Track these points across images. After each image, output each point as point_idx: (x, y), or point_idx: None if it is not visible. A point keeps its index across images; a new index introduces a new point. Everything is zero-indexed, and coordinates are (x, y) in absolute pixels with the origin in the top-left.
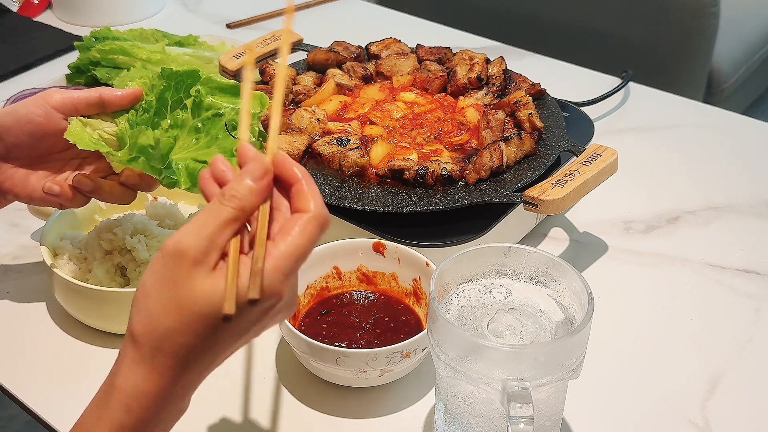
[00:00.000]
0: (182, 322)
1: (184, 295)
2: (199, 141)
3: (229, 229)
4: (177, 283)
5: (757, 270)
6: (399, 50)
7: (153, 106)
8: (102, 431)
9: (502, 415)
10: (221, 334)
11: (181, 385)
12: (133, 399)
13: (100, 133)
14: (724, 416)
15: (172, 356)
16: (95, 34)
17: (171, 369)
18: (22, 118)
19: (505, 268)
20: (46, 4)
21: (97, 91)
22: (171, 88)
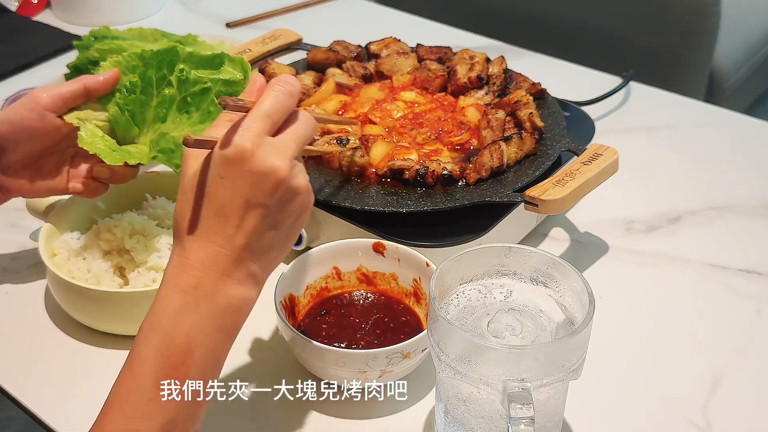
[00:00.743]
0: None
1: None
2: (192, 116)
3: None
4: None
5: (759, 270)
6: (399, 50)
7: (138, 86)
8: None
9: (502, 416)
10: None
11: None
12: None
13: (95, 122)
14: (725, 417)
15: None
16: (94, 34)
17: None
18: (17, 125)
19: (506, 268)
20: (45, 4)
21: (80, 81)
22: (153, 66)
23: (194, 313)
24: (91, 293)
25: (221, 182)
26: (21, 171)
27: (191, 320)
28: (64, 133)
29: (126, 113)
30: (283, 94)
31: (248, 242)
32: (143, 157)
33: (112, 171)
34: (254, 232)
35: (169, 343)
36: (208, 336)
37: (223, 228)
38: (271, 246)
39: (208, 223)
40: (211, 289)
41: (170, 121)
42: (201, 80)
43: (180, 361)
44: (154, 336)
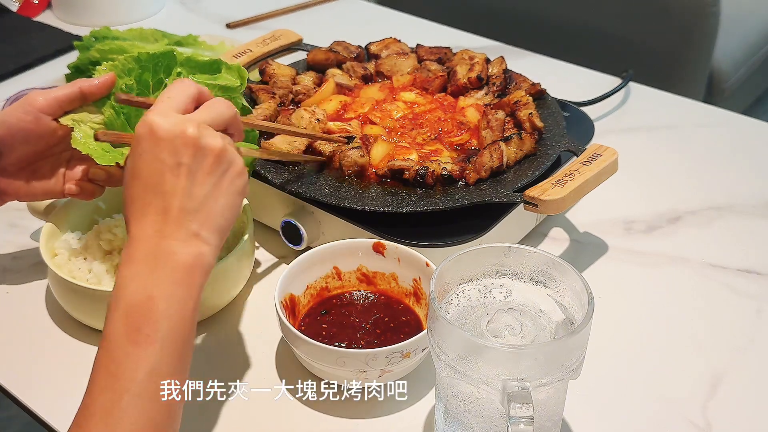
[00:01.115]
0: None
1: None
2: None
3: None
4: None
5: (759, 270)
6: (399, 50)
7: (134, 89)
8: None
9: (502, 416)
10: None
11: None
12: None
13: (90, 125)
14: (725, 417)
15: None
16: (95, 34)
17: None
18: (13, 127)
19: (505, 268)
20: (46, 4)
21: (76, 84)
22: (149, 70)
23: (150, 275)
24: (92, 293)
25: (141, 159)
26: (17, 174)
27: (148, 281)
28: (60, 135)
29: (121, 116)
30: (182, 85)
31: (180, 203)
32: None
33: (108, 173)
34: (182, 192)
35: (132, 304)
36: (167, 290)
37: (154, 197)
38: (204, 203)
39: (141, 198)
40: (159, 252)
41: None
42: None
43: (146, 315)
44: (118, 305)
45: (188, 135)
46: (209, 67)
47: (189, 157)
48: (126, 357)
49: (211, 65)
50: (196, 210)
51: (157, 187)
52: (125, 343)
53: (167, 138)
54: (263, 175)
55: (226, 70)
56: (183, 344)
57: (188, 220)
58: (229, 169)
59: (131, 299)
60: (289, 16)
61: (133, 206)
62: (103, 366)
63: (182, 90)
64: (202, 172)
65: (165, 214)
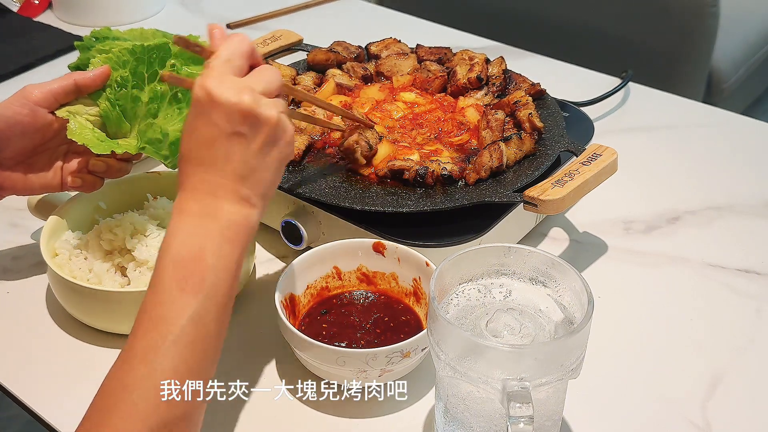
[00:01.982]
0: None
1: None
2: (183, 111)
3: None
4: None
5: (758, 270)
6: (399, 50)
7: (129, 81)
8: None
9: (501, 415)
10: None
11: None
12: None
13: (86, 117)
14: (725, 417)
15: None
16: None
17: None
18: (10, 121)
19: (505, 268)
20: (47, 4)
21: (71, 77)
22: (144, 62)
23: (200, 228)
24: (93, 293)
25: (200, 119)
26: (14, 168)
27: (199, 234)
28: (56, 128)
29: (117, 108)
30: (239, 42)
31: (233, 168)
32: (131, 148)
33: (107, 164)
34: (237, 159)
35: (182, 254)
36: (217, 245)
37: (209, 159)
38: (255, 171)
39: (197, 157)
40: (211, 209)
41: (161, 117)
42: (192, 75)
43: (195, 265)
44: (167, 253)
45: (245, 105)
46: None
47: (246, 126)
48: (172, 303)
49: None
50: (248, 176)
51: (213, 150)
52: (173, 290)
53: (225, 105)
54: None
55: None
56: (225, 298)
57: (240, 184)
58: (281, 139)
59: (182, 249)
60: (289, 16)
61: (189, 162)
62: (148, 310)
63: (237, 49)
64: (256, 142)
65: (219, 176)
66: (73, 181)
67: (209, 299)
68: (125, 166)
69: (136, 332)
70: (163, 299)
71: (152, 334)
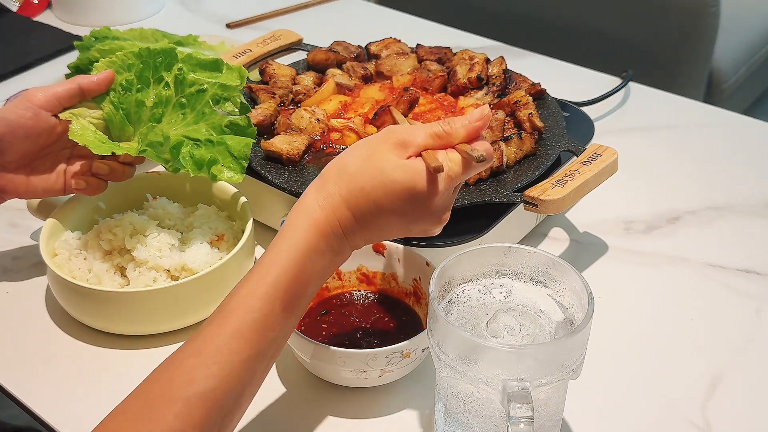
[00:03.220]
0: (373, 181)
1: (383, 162)
2: (186, 117)
3: (432, 140)
4: (376, 152)
5: (758, 270)
6: (399, 50)
7: (134, 84)
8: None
9: (502, 416)
10: (402, 205)
11: (349, 237)
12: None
13: (89, 120)
14: (725, 417)
15: (356, 211)
16: (95, 34)
17: (352, 220)
18: (13, 124)
19: (505, 268)
20: (46, 4)
21: (75, 81)
22: (150, 66)
23: (321, 258)
24: (92, 293)
25: (412, 205)
26: (17, 171)
27: (320, 262)
28: (59, 132)
29: (121, 111)
30: (480, 168)
31: (377, 238)
32: (131, 150)
33: (111, 167)
34: (385, 235)
35: (299, 271)
36: (322, 278)
37: (373, 220)
38: (387, 237)
39: (365, 208)
40: (337, 247)
41: (165, 122)
42: (198, 81)
43: (302, 287)
44: (284, 256)
45: (442, 223)
46: (210, 65)
47: (419, 230)
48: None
49: (212, 64)
50: (378, 239)
51: (382, 220)
52: (279, 309)
53: (430, 213)
54: (263, 175)
55: (228, 70)
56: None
57: (368, 242)
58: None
59: (297, 269)
60: (289, 16)
61: (356, 202)
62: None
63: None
64: (415, 230)
65: (361, 231)
66: (77, 184)
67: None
68: (128, 170)
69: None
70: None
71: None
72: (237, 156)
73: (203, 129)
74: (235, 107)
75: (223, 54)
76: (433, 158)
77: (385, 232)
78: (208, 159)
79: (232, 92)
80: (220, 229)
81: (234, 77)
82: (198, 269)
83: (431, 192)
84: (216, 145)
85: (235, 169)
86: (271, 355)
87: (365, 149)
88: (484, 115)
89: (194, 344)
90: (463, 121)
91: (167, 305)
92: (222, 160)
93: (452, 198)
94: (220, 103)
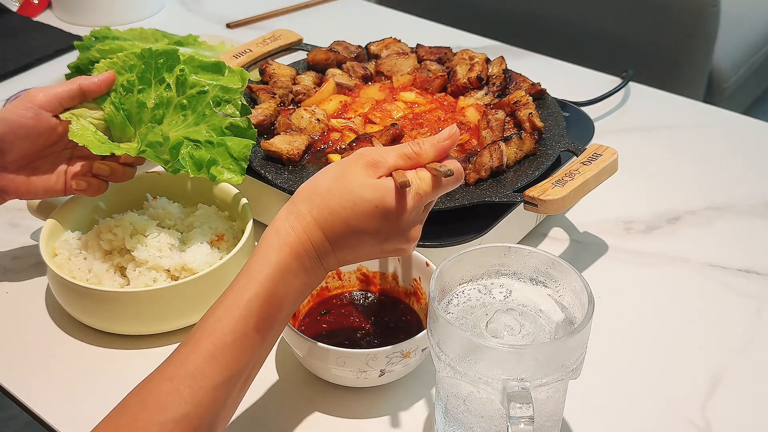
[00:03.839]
0: (344, 201)
1: (353, 182)
2: (187, 118)
3: (403, 160)
4: (347, 173)
5: (758, 270)
6: (399, 50)
7: (136, 85)
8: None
9: (502, 416)
10: (372, 223)
11: (322, 258)
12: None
13: (90, 120)
14: (725, 417)
15: (327, 231)
16: (95, 34)
17: (323, 240)
18: (14, 124)
19: (505, 268)
20: (46, 4)
21: (75, 82)
22: (152, 66)
23: (295, 279)
24: (92, 293)
25: (383, 222)
26: (17, 171)
27: (294, 283)
28: (60, 132)
29: (122, 112)
30: (450, 185)
31: (351, 259)
32: (131, 150)
33: (112, 168)
34: (359, 256)
35: (271, 293)
36: (297, 300)
37: (345, 240)
38: (360, 260)
39: (336, 228)
40: (310, 268)
41: (166, 123)
42: (199, 83)
43: (275, 309)
44: (256, 278)
45: (413, 242)
46: (212, 67)
47: (391, 249)
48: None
49: (213, 66)
50: (352, 260)
51: (352, 240)
52: (252, 332)
53: (399, 230)
54: (263, 175)
55: (230, 73)
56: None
57: (342, 264)
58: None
59: (271, 288)
60: (289, 16)
61: (328, 226)
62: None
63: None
64: (387, 249)
65: (335, 255)
66: (77, 184)
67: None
68: (129, 171)
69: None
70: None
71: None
72: (237, 157)
73: (204, 130)
74: (236, 109)
75: (223, 54)
76: (402, 176)
77: (358, 253)
78: (207, 160)
79: (233, 94)
80: (220, 229)
81: (235, 79)
82: (198, 269)
83: (400, 209)
84: (216, 146)
85: (234, 170)
86: (246, 377)
87: (336, 170)
88: (452, 133)
89: (167, 369)
90: (432, 141)
91: (167, 305)
92: (222, 161)
93: (423, 216)
94: (221, 105)
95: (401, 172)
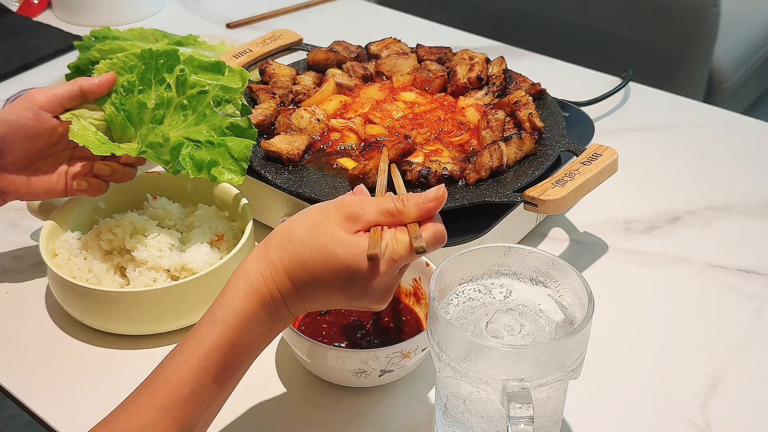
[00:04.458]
0: (314, 255)
1: (327, 236)
2: (187, 118)
3: (383, 217)
4: (323, 223)
5: (758, 270)
6: (399, 50)
7: (136, 86)
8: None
9: (502, 416)
10: (342, 281)
11: (289, 305)
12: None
13: (90, 121)
14: (725, 416)
15: (296, 282)
16: (95, 34)
17: (292, 290)
18: (14, 125)
19: (505, 268)
20: (46, 4)
21: (76, 83)
22: (152, 67)
23: (259, 326)
24: (92, 293)
25: (351, 285)
26: (18, 172)
27: (258, 330)
28: (60, 133)
29: (122, 113)
30: (432, 246)
31: (319, 307)
32: (131, 151)
33: (112, 168)
34: (328, 305)
35: (234, 342)
36: (260, 346)
37: (313, 292)
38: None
39: (304, 280)
40: (276, 315)
41: (167, 123)
42: (200, 83)
43: (237, 359)
44: (218, 326)
45: (384, 304)
46: (212, 67)
47: (360, 306)
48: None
49: (213, 66)
50: (320, 308)
51: (320, 293)
52: (211, 383)
53: (371, 293)
54: (263, 175)
55: (230, 72)
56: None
57: (310, 309)
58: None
59: (235, 335)
60: (289, 16)
61: (296, 274)
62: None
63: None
64: (356, 305)
65: (302, 302)
66: (78, 185)
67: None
68: (130, 171)
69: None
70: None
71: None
72: (237, 158)
73: (204, 130)
74: (236, 109)
75: (223, 54)
76: (374, 242)
77: (325, 303)
78: (208, 160)
79: (234, 94)
80: (220, 229)
81: (236, 79)
82: (198, 269)
83: (371, 274)
84: (216, 146)
85: (235, 170)
86: (201, 427)
87: (313, 218)
88: (439, 195)
89: (119, 419)
90: (416, 200)
91: (167, 305)
92: (222, 162)
93: (397, 278)
94: (221, 105)
95: (377, 235)
